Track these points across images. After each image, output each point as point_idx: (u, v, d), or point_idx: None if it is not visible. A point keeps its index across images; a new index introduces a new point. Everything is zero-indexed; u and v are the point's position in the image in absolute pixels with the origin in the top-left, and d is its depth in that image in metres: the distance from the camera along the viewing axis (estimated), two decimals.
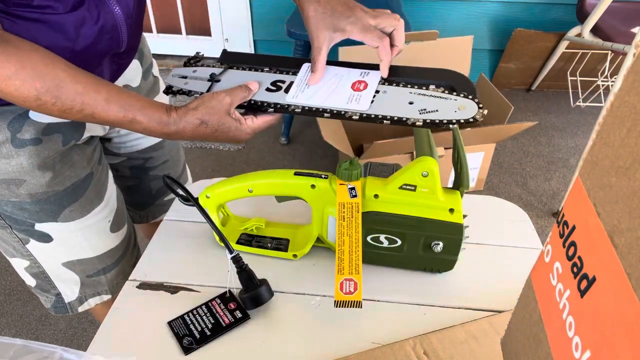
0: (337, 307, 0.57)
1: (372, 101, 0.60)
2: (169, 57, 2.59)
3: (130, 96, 0.60)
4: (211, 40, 2.56)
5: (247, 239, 0.72)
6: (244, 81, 0.66)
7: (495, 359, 0.56)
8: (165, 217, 0.80)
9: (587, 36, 1.99)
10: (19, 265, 0.80)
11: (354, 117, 0.59)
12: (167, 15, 2.53)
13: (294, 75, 0.67)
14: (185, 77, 0.71)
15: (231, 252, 0.63)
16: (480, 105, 0.56)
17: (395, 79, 0.63)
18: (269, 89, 0.66)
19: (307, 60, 0.70)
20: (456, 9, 2.33)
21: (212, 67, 0.72)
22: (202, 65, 0.73)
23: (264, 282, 0.63)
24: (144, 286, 0.68)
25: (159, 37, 2.57)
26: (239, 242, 0.72)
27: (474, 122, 0.55)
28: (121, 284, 0.88)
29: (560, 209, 0.43)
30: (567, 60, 2.30)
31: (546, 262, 0.35)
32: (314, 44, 0.65)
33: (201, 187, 0.71)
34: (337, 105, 0.63)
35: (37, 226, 0.74)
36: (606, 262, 0.27)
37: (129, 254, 0.90)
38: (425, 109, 0.57)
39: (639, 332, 0.23)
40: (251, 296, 0.62)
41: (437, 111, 0.57)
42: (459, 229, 0.61)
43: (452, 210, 0.61)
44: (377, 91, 0.61)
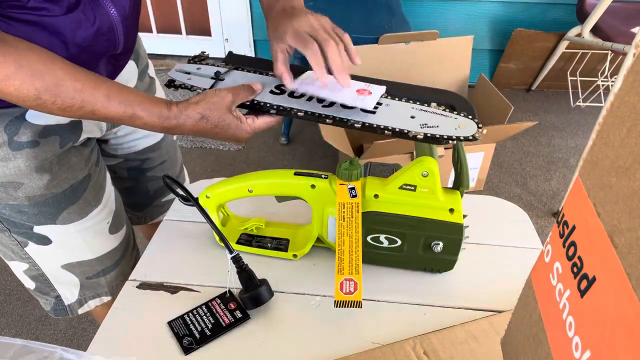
0: (337, 307, 0.57)
1: (375, 111, 0.61)
2: (169, 57, 2.59)
3: (129, 92, 0.61)
4: (211, 40, 2.56)
5: (247, 239, 0.72)
6: (248, 82, 0.67)
7: (495, 359, 0.56)
8: (165, 217, 0.80)
9: (587, 36, 1.99)
10: (18, 268, 0.80)
11: (356, 126, 0.60)
12: (167, 15, 2.53)
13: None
14: (188, 73, 0.71)
15: (231, 252, 0.63)
16: (479, 125, 0.58)
17: (398, 94, 0.64)
18: (272, 92, 0.67)
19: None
20: (456, 9, 2.33)
21: (217, 65, 0.72)
22: (207, 64, 0.73)
23: (264, 282, 0.63)
24: (144, 286, 0.68)
25: (159, 37, 2.57)
26: (239, 242, 0.72)
27: (473, 140, 0.57)
28: (121, 285, 0.88)
29: (560, 209, 0.43)
30: (567, 60, 2.30)
31: (546, 262, 0.35)
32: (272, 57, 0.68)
33: (201, 187, 0.71)
34: (344, 99, 0.64)
35: (36, 229, 0.74)
36: (606, 262, 0.27)
37: (129, 255, 0.90)
38: (426, 124, 0.59)
39: (639, 332, 0.23)
40: (251, 296, 0.62)
41: (437, 127, 0.58)
42: (459, 229, 0.61)
43: (452, 210, 0.61)
44: (380, 103, 0.62)
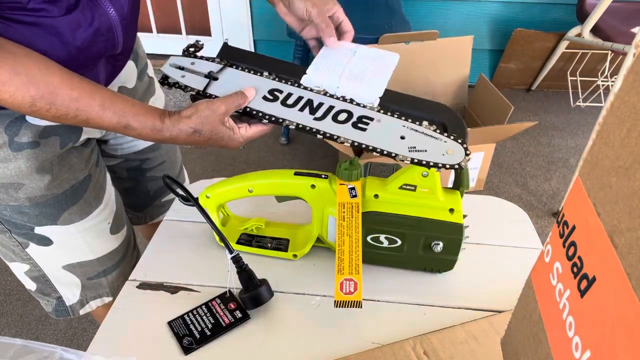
0: (337, 307, 0.57)
1: (366, 128, 0.62)
2: (169, 57, 2.58)
3: (124, 102, 0.61)
4: (211, 40, 2.56)
5: (247, 239, 0.72)
6: (242, 84, 0.66)
7: (495, 359, 0.56)
8: (165, 217, 0.80)
9: (587, 36, 1.99)
10: (19, 269, 0.80)
11: (345, 144, 0.60)
12: (167, 15, 2.53)
13: (292, 85, 0.67)
14: (182, 69, 0.70)
15: (231, 252, 0.63)
16: (467, 152, 0.58)
17: (391, 107, 0.64)
18: (265, 98, 0.66)
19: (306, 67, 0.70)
20: (456, 9, 2.33)
21: (210, 61, 0.71)
22: (202, 57, 0.72)
23: (264, 282, 0.63)
24: (144, 286, 0.68)
25: (159, 37, 2.56)
26: (239, 242, 0.72)
27: (459, 168, 0.58)
28: (122, 286, 0.88)
29: (560, 209, 0.43)
30: (567, 60, 2.30)
31: (546, 262, 0.35)
32: (317, 15, 0.70)
33: (201, 187, 0.72)
34: (350, 91, 0.65)
35: (37, 230, 0.74)
36: (606, 262, 0.27)
37: (129, 256, 0.90)
38: (415, 147, 0.59)
39: (639, 332, 0.23)
40: (251, 296, 0.62)
41: (425, 151, 0.59)
42: (459, 229, 0.61)
43: (452, 210, 0.61)
44: (372, 119, 0.62)
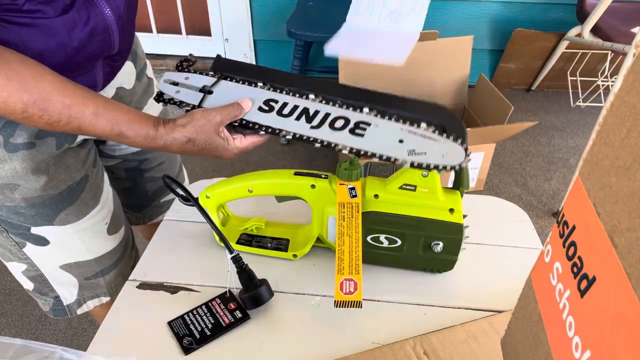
0: (337, 307, 0.57)
1: (363, 134, 0.61)
2: (169, 57, 2.58)
3: (118, 110, 0.60)
4: (211, 40, 2.56)
5: (247, 239, 0.72)
6: (237, 97, 0.65)
7: (495, 359, 0.56)
8: (165, 217, 0.80)
9: (587, 36, 1.99)
10: (16, 269, 0.80)
11: (343, 151, 0.60)
12: (167, 15, 2.53)
13: (287, 94, 0.65)
14: (177, 84, 0.69)
15: (231, 252, 0.63)
16: (467, 152, 0.58)
17: (388, 110, 0.63)
18: (261, 109, 0.65)
19: (302, 76, 0.68)
20: (456, 9, 2.33)
21: (204, 74, 0.69)
22: (195, 71, 0.71)
23: (264, 282, 0.63)
24: (144, 286, 0.68)
25: (159, 37, 2.57)
26: (239, 242, 0.72)
27: (459, 169, 0.58)
28: (120, 286, 0.87)
29: (560, 209, 0.43)
30: (567, 60, 2.30)
31: (546, 262, 0.35)
32: None
33: (201, 187, 0.72)
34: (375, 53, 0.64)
35: (33, 230, 0.74)
36: (606, 262, 0.27)
37: (127, 256, 0.89)
38: (414, 150, 0.59)
39: (639, 332, 0.23)
40: (251, 296, 0.62)
41: (425, 154, 0.58)
42: (459, 229, 0.61)
43: (452, 210, 0.61)
44: (369, 124, 0.61)
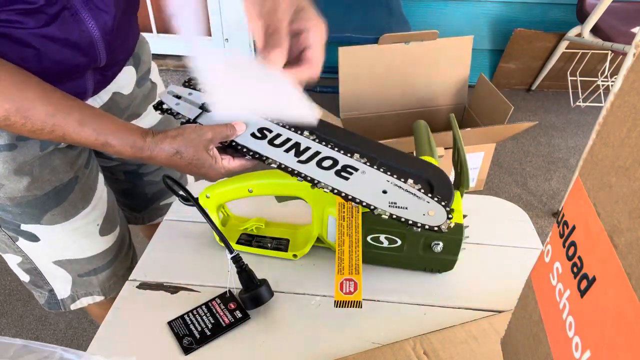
0: (337, 307, 0.57)
1: (348, 177, 0.60)
2: (169, 57, 2.58)
3: (104, 119, 0.59)
4: (211, 40, 2.56)
5: (247, 239, 0.72)
6: (233, 120, 0.64)
7: (495, 359, 0.56)
8: (165, 217, 0.80)
9: (587, 36, 1.99)
10: (12, 261, 0.80)
11: (325, 190, 0.58)
12: (167, 15, 2.53)
13: (283, 127, 0.65)
14: (179, 97, 0.68)
15: (231, 252, 0.63)
16: (449, 216, 0.56)
17: (378, 159, 0.62)
18: (254, 135, 0.64)
19: None
20: (456, 9, 2.33)
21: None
22: (200, 90, 0.70)
23: (264, 282, 0.63)
24: (144, 286, 0.68)
25: (159, 37, 2.57)
26: (239, 242, 0.72)
27: (438, 231, 0.55)
28: (114, 286, 0.87)
29: (560, 209, 0.43)
30: (567, 60, 2.30)
31: (546, 262, 0.35)
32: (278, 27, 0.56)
33: (201, 187, 0.72)
34: (282, 114, 0.62)
35: (23, 227, 0.74)
36: (606, 262, 0.27)
37: (122, 257, 0.89)
38: (395, 203, 0.57)
39: (639, 332, 0.23)
40: (251, 296, 0.62)
41: (406, 208, 0.57)
42: (459, 229, 0.61)
43: (452, 210, 0.61)
44: (356, 169, 0.60)
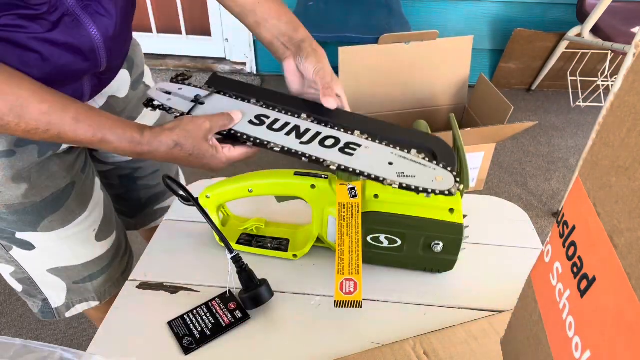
0: (337, 307, 0.57)
1: (353, 153, 0.60)
2: (169, 57, 2.58)
3: (100, 115, 0.58)
4: (211, 40, 2.56)
5: (247, 239, 0.72)
6: (228, 108, 0.64)
7: (495, 359, 0.56)
8: (165, 217, 0.80)
9: (587, 36, 1.99)
10: (5, 271, 0.79)
11: (331, 167, 0.59)
12: (167, 15, 2.53)
13: (280, 112, 0.66)
14: (169, 93, 0.68)
15: (231, 252, 0.63)
16: (457, 179, 0.56)
17: (379, 135, 0.62)
18: (251, 122, 0.64)
19: (297, 98, 0.69)
20: (456, 9, 2.33)
21: (199, 87, 0.70)
22: (190, 84, 0.70)
23: (264, 282, 0.63)
24: (144, 286, 0.68)
25: (159, 37, 2.56)
26: (239, 242, 0.72)
27: (449, 194, 0.55)
28: (109, 290, 0.87)
29: (560, 209, 0.43)
30: (567, 60, 2.30)
31: (546, 262, 0.35)
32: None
33: (201, 187, 0.72)
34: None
35: (18, 235, 0.72)
36: (606, 262, 0.27)
37: (118, 262, 0.88)
38: (403, 172, 0.57)
39: (639, 332, 0.23)
40: (251, 296, 0.62)
41: (414, 177, 0.57)
42: (459, 229, 0.61)
43: (452, 210, 0.61)
44: (359, 145, 0.61)
